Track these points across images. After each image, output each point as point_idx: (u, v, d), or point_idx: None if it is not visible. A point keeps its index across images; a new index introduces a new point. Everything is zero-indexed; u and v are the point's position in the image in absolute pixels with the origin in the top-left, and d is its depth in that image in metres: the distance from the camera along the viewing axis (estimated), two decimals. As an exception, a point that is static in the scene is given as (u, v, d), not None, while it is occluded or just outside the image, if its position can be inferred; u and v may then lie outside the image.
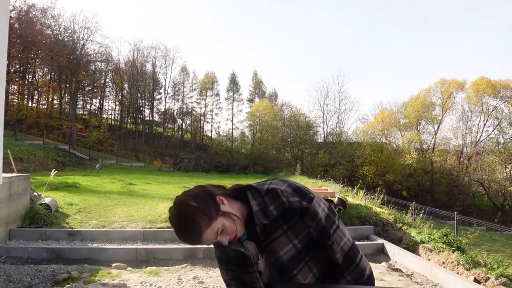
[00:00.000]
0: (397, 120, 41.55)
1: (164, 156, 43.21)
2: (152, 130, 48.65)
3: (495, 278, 5.82)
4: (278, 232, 1.40)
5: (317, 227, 1.40)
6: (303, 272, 1.42)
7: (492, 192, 34.79)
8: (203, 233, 1.28)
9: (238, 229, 1.37)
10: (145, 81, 47.81)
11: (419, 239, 8.14)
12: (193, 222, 1.27)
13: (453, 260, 6.69)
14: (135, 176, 20.68)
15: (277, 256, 1.40)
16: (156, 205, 10.61)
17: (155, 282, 5.33)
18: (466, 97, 38.88)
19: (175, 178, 22.09)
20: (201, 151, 44.59)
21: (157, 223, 8.74)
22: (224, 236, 1.34)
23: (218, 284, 5.27)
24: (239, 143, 49.05)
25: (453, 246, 7.58)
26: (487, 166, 34.78)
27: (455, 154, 38.93)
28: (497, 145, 37.43)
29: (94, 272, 5.84)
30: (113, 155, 38.15)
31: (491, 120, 37.92)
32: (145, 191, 14.22)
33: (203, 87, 52.27)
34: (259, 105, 46.39)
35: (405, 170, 37.34)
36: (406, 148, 39.05)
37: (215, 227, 1.30)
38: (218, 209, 1.34)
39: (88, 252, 7.07)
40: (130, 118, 50.82)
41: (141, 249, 7.14)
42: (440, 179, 38.40)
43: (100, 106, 51.02)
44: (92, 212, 9.68)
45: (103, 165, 28.29)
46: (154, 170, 30.72)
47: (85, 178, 17.78)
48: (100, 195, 12.15)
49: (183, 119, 53.34)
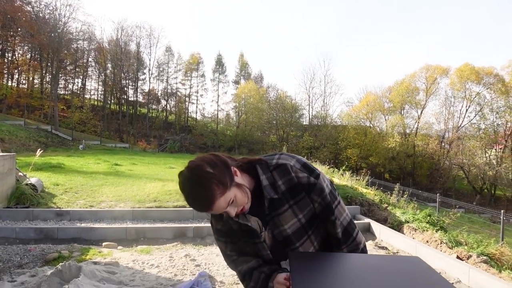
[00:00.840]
0: (382, 104, 41.94)
1: (149, 137, 42.88)
2: (136, 111, 48.12)
3: (476, 256, 6.03)
4: (284, 207, 1.42)
5: (322, 202, 1.44)
6: (305, 245, 1.47)
7: (472, 176, 35.66)
8: (216, 201, 1.27)
9: (248, 202, 1.39)
10: (129, 61, 47.01)
11: (403, 219, 8.34)
12: (208, 189, 1.26)
13: (436, 239, 6.90)
14: (120, 157, 20.52)
15: (281, 230, 1.43)
16: (144, 185, 10.59)
17: (147, 260, 5.37)
18: (450, 83, 39.38)
19: (160, 159, 21.97)
20: (185, 132, 44.39)
21: (146, 202, 8.74)
22: (233, 207, 1.34)
23: (210, 262, 5.34)
24: (224, 125, 48.95)
25: (436, 226, 7.81)
26: (468, 150, 35.53)
27: (437, 138, 39.62)
28: (478, 131, 38.18)
29: (85, 251, 5.85)
30: (97, 136, 37.67)
31: (473, 106, 38.58)
32: (132, 171, 14.14)
33: (188, 68, 51.74)
34: (245, 87, 46.22)
35: (388, 154, 37.88)
36: (389, 132, 39.56)
37: (228, 196, 1.30)
38: (232, 179, 1.34)
39: (77, 231, 7.04)
40: (113, 99, 50.06)
41: (130, 228, 7.14)
42: (422, 162, 39.12)
43: (83, 86, 50.13)
44: (79, 192, 9.62)
45: (87, 146, 27.92)
46: (139, 151, 30.49)
47: (69, 158, 17.57)
48: (86, 176, 12.05)
49: (168, 100, 52.85)
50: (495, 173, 33.84)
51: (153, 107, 53.88)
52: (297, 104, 44.41)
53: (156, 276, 4.77)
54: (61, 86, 45.53)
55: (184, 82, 52.23)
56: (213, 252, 5.86)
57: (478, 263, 5.79)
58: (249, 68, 56.20)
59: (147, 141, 38.04)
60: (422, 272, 1.24)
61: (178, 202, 8.82)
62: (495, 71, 37.12)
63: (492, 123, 38.00)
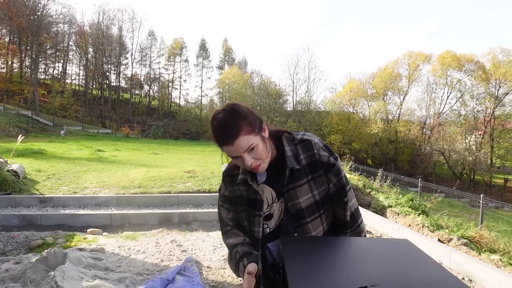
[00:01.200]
0: (365, 91, 42.17)
1: (132, 123, 42.40)
2: (118, 96, 47.40)
3: (457, 239, 6.19)
4: (303, 180, 1.47)
5: (337, 184, 1.50)
6: (315, 222, 1.50)
7: (452, 161, 36.36)
8: (239, 136, 1.33)
9: (265, 161, 1.43)
10: (111, 45, 46.13)
11: (386, 203, 8.49)
12: (237, 122, 1.34)
13: (418, 223, 7.05)
14: (103, 143, 20.29)
15: (296, 203, 1.47)
16: (128, 171, 10.52)
17: (133, 246, 5.37)
18: (432, 70, 39.76)
19: (144, 145, 21.83)
20: (169, 118, 44.03)
21: (130, 188, 8.68)
22: (251, 156, 1.38)
23: (196, 247, 5.37)
24: (208, 111, 48.63)
25: (418, 210, 7.98)
26: (448, 136, 36.16)
27: (418, 124, 40.13)
28: (458, 117, 38.80)
29: (69, 237, 5.80)
30: (78, 121, 37.05)
31: (454, 92, 39.09)
32: (115, 157, 14.01)
33: (171, 53, 51.13)
34: (229, 73, 45.94)
35: (370, 139, 38.26)
36: (372, 118, 39.91)
37: (252, 140, 1.36)
38: (261, 129, 1.41)
39: (60, 218, 6.98)
40: (95, 84, 49.22)
41: (115, 214, 7.11)
42: (404, 148, 39.66)
43: (64, 71, 49.05)
44: (62, 178, 9.50)
45: (68, 131, 27.46)
46: (122, 137, 30.17)
47: (50, 144, 17.30)
48: (68, 162, 11.90)
49: (151, 85, 52.24)
50: (475, 159, 34.55)
51: (136, 92, 53.22)
52: (281, 90, 44.37)
53: (143, 262, 4.78)
54: (41, 71, 44.54)
55: (167, 67, 51.68)
56: (199, 237, 5.88)
57: (459, 245, 5.95)
58: (233, 53, 55.87)
59: (130, 127, 37.63)
60: (412, 253, 1.27)
61: (163, 188, 8.80)
62: (476, 58, 37.60)
63: (472, 109, 38.63)
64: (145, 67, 51.56)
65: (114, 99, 46.84)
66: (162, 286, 3.91)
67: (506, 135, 36.87)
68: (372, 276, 1.07)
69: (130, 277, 4.23)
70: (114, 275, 4.31)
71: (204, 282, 4.17)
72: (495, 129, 36.25)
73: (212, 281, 4.24)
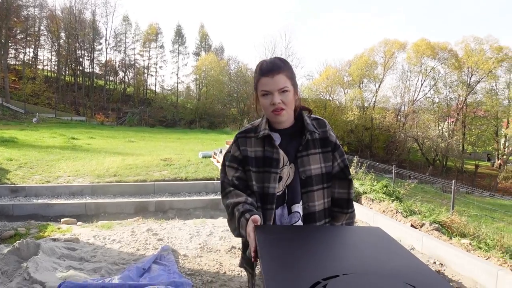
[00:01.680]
0: (341, 78, 42.40)
1: (106, 110, 41.65)
2: (92, 83, 46.42)
3: (429, 224, 6.34)
4: (316, 150, 1.63)
5: (341, 164, 1.67)
6: (319, 193, 1.61)
7: (425, 148, 37.16)
8: (281, 72, 1.51)
9: (289, 111, 1.58)
10: (84, 30, 44.95)
11: (361, 190, 8.60)
12: (284, 65, 1.55)
13: (392, 209, 7.19)
14: (77, 131, 19.89)
15: (307, 169, 1.59)
16: (103, 160, 10.35)
17: (108, 236, 5.30)
18: (407, 58, 40.26)
19: (119, 133, 21.50)
20: (145, 105, 43.45)
21: (105, 177, 8.55)
22: (279, 98, 1.51)
23: (173, 235, 5.34)
24: (185, 98, 48.21)
25: (392, 196, 8.12)
26: (422, 123, 36.87)
27: (393, 112, 40.72)
28: (432, 104, 39.57)
29: (43, 228, 5.70)
30: (51, 108, 36.16)
31: (428, 80, 39.74)
32: (90, 145, 13.76)
33: (147, 39, 50.24)
34: (205, 59, 45.47)
35: (346, 126, 38.62)
36: (348, 105, 40.22)
37: (288, 84, 1.53)
38: (296, 87, 1.60)
39: (33, 208, 6.84)
40: (68, 70, 48.00)
41: (90, 204, 7.01)
42: (379, 135, 40.22)
43: (35, 56, 47.67)
44: (34, 167, 9.28)
45: (41, 119, 26.78)
46: (97, 124, 29.62)
47: (22, 132, 16.86)
48: (41, 150, 11.62)
49: (126, 71, 51.28)
50: (447, 145, 35.39)
51: (111, 79, 52.23)
52: (258, 77, 44.12)
53: (118, 252, 4.73)
54: (11, 56, 43.21)
55: (143, 53, 50.81)
56: (175, 226, 5.85)
57: (431, 230, 6.10)
58: (210, 39, 55.28)
59: (105, 114, 36.97)
60: (384, 241, 1.29)
61: (139, 176, 8.70)
62: (449, 47, 38.27)
63: (446, 97, 39.45)
64: (119, 53, 50.63)
65: (88, 86, 45.86)
66: (138, 275, 3.88)
67: (477, 122, 37.89)
68: (344, 264, 1.09)
69: (105, 267, 4.18)
70: (89, 265, 4.26)
71: (181, 271, 4.16)
72: (467, 116, 37.17)
73: (188, 269, 4.23)
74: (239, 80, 43.01)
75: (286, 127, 1.63)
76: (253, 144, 1.62)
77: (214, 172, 9.37)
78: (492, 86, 37.87)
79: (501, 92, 37.97)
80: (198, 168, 9.73)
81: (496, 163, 39.82)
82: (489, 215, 13.83)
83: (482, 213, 13.14)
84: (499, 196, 23.57)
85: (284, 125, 1.62)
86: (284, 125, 1.62)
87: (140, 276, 3.91)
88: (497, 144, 38.39)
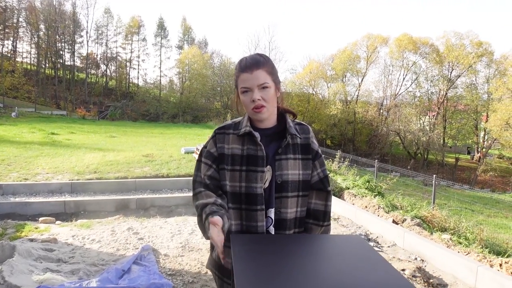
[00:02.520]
0: (324, 72, 42.55)
1: (88, 104, 41.00)
2: (73, 76, 45.63)
3: (410, 219, 6.40)
4: (295, 155, 1.57)
5: (321, 174, 1.63)
6: (293, 200, 1.55)
7: (407, 142, 37.65)
8: (261, 67, 1.48)
9: (270, 109, 1.53)
10: (64, 22, 44.05)
11: (344, 185, 8.64)
12: (264, 60, 1.51)
13: (374, 204, 7.23)
14: (57, 125, 19.50)
15: (284, 173, 1.54)
16: (83, 156, 10.16)
17: (88, 235, 5.19)
18: (389, 52, 40.61)
19: (101, 128, 21.15)
20: (127, 99, 42.91)
21: (85, 174, 8.39)
22: (259, 94, 1.47)
23: (154, 234, 5.27)
24: (168, 91, 47.75)
25: (374, 192, 8.17)
26: (404, 117, 37.28)
27: (376, 106, 41.12)
28: (413, 98, 40.09)
29: (20, 227, 5.55)
30: (31, 102, 35.40)
31: (410, 74, 40.24)
32: (70, 141, 13.50)
33: (129, 31, 49.60)
34: (188, 52, 45.09)
35: (330, 120, 38.85)
36: (331, 99, 40.43)
37: (268, 79, 1.49)
38: (277, 83, 1.56)
39: (10, 206, 6.66)
40: (48, 63, 47.05)
41: (69, 202, 6.86)
42: (362, 129, 40.61)
43: (14, 49, 46.51)
44: (12, 164, 9.06)
45: (20, 113, 26.16)
46: (78, 119, 29.08)
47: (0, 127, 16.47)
48: (19, 146, 11.36)
49: (108, 64, 50.56)
50: (428, 139, 35.90)
51: (92, 72, 51.43)
52: (241, 70, 43.95)
53: (98, 252, 4.64)
54: (-12, 48, 42.06)
55: (125, 46, 50.20)
56: (156, 224, 5.77)
57: (412, 226, 6.15)
58: (193, 33, 54.90)
59: (86, 108, 36.36)
60: (363, 252, 1.26)
61: (120, 173, 8.57)
62: (430, 41, 38.73)
63: (427, 91, 39.98)
64: (101, 46, 49.93)
65: (69, 79, 45.04)
66: (117, 277, 3.81)
67: (457, 116, 38.51)
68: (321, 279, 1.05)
69: (83, 269, 4.09)
70: (66, 267, 4.16)
71: (161, 271, 4.10)
72: (448, 110, 37.73)
73: (169, 269, 4.17)
74: (222, 73, 42.76)
75: (267, 127, 1.58)
76: (230, 141, 1.56)
77: (196, 168, 9.27)
78: (472, 81, 38.54)
79: (481, 86, 38.68)
80: (180, 164, 9.63)
81: (476, 156, 40.58)
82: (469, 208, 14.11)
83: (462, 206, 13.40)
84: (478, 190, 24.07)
85: (265, 124, 1.57)
86: (265, 124, 1.57)
87: (120, 278, 3.83)
88: (477, 138, 39.11)
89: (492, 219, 13.12)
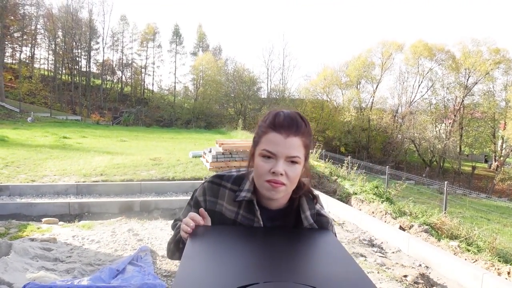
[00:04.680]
0: (339, 79, 42.30)
1: (103, 109, 41.51)
2: (89, 82, 46.23)
3: (418, 226, 6.24)
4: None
5: None
6: None
7: (422, 149, 37.07)
8: (299, 135, 1.14)
9: (288, 190, 1.20)
10: (81, 29, 44.80)
11: (352, 191, 8.50)
12: (305, 126, 1.17)
13: (381, 210, 7.08)
14: (70, 130, 19.74)
15: None
16: (91, 159, 10.21)
17: (88, 236, 5.18)
18: (404, 59, 40.17)
19: (113, 132, 21.33)
20: (141, 105, 43.27)
21: (91, 176, 8.42)
22: (283, 168, 1.13)
23: (153, 236, 5.22)
24: (182, 98, 48.03)
25: (383, 197, 8.01)
26: (419, 125, 36.74)
27: (390, 113, 40.63)
28: (429, 106, 39.50)
29: (22, 227, 5.57)
30: (47, 107, 35.96)
31: (425, 81, 39.65)
32: (80, 144, 13.62)
33: (144, 38, 50.13)
34: (203, 59, 45.32)
35: (344, 127, 38.55)
36: (346, 106, 40.16)
37: (300, 152, 1.15)
38: (308, 156, 1.23)
39: (16, 207, 6.71)
40: (65, 69, 47.83)
41: (74, 203, 6.88)
42: (376, 136, 40.16)
43: (31, 55, 47.42)
44: (21, 166, 9.15)
45: (36, 118, 26.57)
46: (92, 124, 29.43)
47: (14, 131, 16.73)
48: (30, 149, 11.49)
49: (123, 71, 51.21)
50: (444, 147, 35.28)
51: (108, 78, 52.05)
52: (255, 77, 44.12)
53: (95, 252, 4.61)
54: (7, 55, 42.98)
55: (140, 53, 50.74)
56: (157, 226, 5.73)
57: (419, 232, 5.99)
58: (207, 39, 55.24)
59: (101, 114, 36.82)
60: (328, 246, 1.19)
61: (126, 175, 8.57)
62: (446, 48, 38.17)
63: (443, 98, 39.35)
64: (117, 52, 50.52)
65: (85, 85, 45.67)
66: (110, 276, 3.76)
67: (474, 124, 37.78)
68: (273, 271, 0.98)
69: (79, 268, 4.06)
70: (62, 266, 4.14)
71: (157, 272, 4.05)
72: (464, 117, 37.07)
73: (165, 270, 4.12)
74: (236, 80, 42.84)
75: (272, 208, 1.27)
76: (226, 199, 1.28)
77: (202, 172, 9.24)
78: (489, 88, 37.78)
79: (498, 94, 37.89)
80: (187, 167, 9.60)
81: (493, 164, 39.73)
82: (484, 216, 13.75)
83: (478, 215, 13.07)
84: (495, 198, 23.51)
85: (272, 204, 1.26)
86: (272, 205, 1.26)
87: (113, 278, 3.79)
88: (494, 146, 38.30)
89: (508, 229, 12.77)
